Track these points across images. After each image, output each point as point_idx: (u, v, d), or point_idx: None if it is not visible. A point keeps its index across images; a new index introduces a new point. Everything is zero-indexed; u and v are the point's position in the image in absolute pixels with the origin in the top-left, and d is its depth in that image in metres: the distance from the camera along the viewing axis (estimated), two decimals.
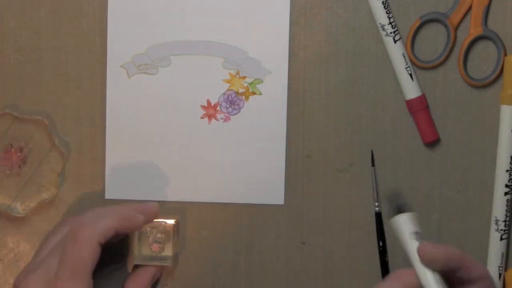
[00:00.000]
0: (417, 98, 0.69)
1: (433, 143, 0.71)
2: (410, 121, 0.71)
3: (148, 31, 0.70)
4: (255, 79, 0.71)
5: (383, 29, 0.69)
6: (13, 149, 0.71)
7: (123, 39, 0.71)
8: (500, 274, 0.70)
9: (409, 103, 0.70)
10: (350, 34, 0.70)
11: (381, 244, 0.71)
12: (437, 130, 0.70)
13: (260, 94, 0.71)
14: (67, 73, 0.71)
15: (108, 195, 0.72)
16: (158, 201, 0.71)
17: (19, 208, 0.72)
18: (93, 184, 0.72)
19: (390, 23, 0.69)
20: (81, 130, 0.72)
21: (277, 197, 0.71)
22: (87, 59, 0.71)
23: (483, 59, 0.70)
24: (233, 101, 0.71)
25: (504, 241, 0.70)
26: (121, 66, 0.71)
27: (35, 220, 0.72)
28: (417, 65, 0.70)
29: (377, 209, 0.71)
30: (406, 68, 0.69)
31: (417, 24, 0.69)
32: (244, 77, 0.71)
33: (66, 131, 0.72)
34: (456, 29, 0.70)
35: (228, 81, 0.71)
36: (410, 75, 0.69)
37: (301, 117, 0.71)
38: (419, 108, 0.69)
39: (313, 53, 0.71)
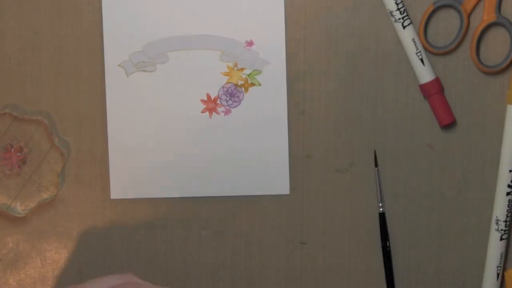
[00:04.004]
0: (430, 82, 0.69)
1: (449, 126, 0.70)
2: (410, 121, 0.71)
3: (143, 28, 0.70)
4: (254, 70, 0.71)
5: (392, 15, 0.69)
6: (13, 149, 0.71)
7: (119, 38, 0.71)
8: (498, 274, 0.70)
9: (422, 87, 0.70)
10: (350, 34, 0.70)
11: (388, 244, 0.71)
12: (453, 113, 0.70)
13: (260, 85, 0.71)
14: (67, 73, 0.71)
15: (113, 195, 0.72)
16: (163, 199, 0.72)
17: (19, 208, 0.72)
18: (93, 184, 0.72)
19: (398, 9, 0.69)
20: (81, 130, 0.72)
21: (282, 188, 0.71)
22: (86, 59, 0.71)
23: (496, 46, 0.70)
24: (233, 94, 0.71)
25: (504, 241, 0.70)
26: (119, 65, 0.71)
27: (35, 220, 0.72)
28: (429, 51, 0.70)
29: (380, 209, 0.71)
30: (416, 53, 0.69)
31: (431, 9, 0.69)
32: (242, 69, 0.71)
33: (66, 131, 0.72)
34: (469, 15, 0.70)
35: (226, 74, 0.71)
36: (421, 60, 0.69)
37: (301, 117, 0.71)
38: (432, 92, 0.69)
39: (313, 53, 0.71)
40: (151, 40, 0.71)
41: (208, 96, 0.71)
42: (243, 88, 0.71)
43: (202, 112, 0.71)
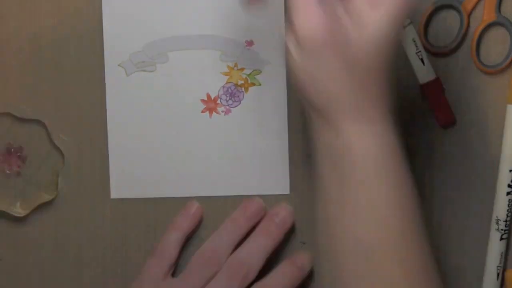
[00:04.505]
0: (430, 82, 0.69)
1: (449, 126, 0.71)
2: (410, 121, 0.71)
3: (143, 28, 0.70)
4: (254, 70, 0.71)
5: None
6: (13, 149, 0.71)
7: (119, 37, 0.71)
8: (498, 274, 0.70)
9: (422, 87, 0.70)
10: None
11: None
12: (453, 113, 0.70)
13: (260, 84, 0.71)
14: (67, 73, 0.71)
15: (113, 195, 0.72)
16: (163, 198, 0.72)
17: (19, 208, 0.72)
18: (93, 184, 0.72)
19: None
20: (81, 130, 0.72)
21: (282, 188, 0.71)
22: (86, 59, 0.71)
23: (496, 46, 0.70)
24: (233, 93, 0.71)
25: (504, 241, 0.70)
26: (119, 65, 0.71)
27: (35, 220, 0.72)
28: (429, 51, 0.70)
29: None
30: (416, 53, 0.69)
31: (431, 9, 0.69)
32: (242, 69, 0.71)
33: (66, 131, 0.72)
34: (469, 15, 0.70)
35: (226, 74, 0.71)
36: (421, 60, 0.69)
37: (301, 116, 0.71)
38: (432, 92, 0.69)
39: None
40: (151, 40, 0.71)
41: (208, 96, 0.71)
42: (243, 88, 0.71)
43: (202, 112, 0.71)
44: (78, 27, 0.71)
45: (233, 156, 0.71)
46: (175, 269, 0.71)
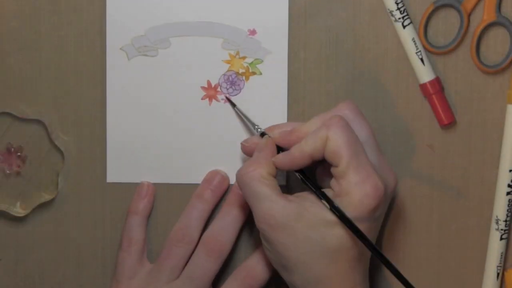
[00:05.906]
0: (430, 82, 0.69)
1: (449, 125, 0.70)
2: (410, 121, 0.71)
3: (147, 12, 0.71)
4: (255, 59, 0.71)
5: (392, 15, 0.69)
6: (13, 149, 0.71)
7: (122, 21, 0.71)
8: (498, 274, 0.70)
9: (422, 87, 0.70)
10: (350, 34, 0.70)
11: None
12: (453, 113, 0.70)
13: (261, 74, 0.71)
14: (67, 71, 0.71)
15: (109, 179, 0.72)
16: (162, 184, 0.72)
17: (19, 208, 0.72)
18: (94, 184, 0.72)
19: (398, 8, 0.69)
20: (81, 130, 0.72)
21: (280, 177, 0.71)
22: (87, 56, 0.71)
23: (496, 46, 0.70)
24: (234, 82, 0.71)
25: (504, 241, 0.70)
26: (120, 49, 0.71)
27: (35, 220, 0.72)
28: (429, 51, 0.70)
29: None
30: (416, 53, 0.69)
31: (431, 9, 0.69)
32: (244, 57, 0.71)
33: (66, 131, 0.72)
34: (469, 15, 0.70)
35: (228, 62, 0.71)
36: (421, 59, 0.69)
37: (301, 117, 0.71)
38: (432, 91, 0.69)
39: (313, 53, 0.71)
40: (154, 25, 0.71)
41: (209, 83, 0.71)
42: (244, 77, 0.71)
43: (202, 99, 0.71)
44: (79, 25, 0.71)
45: (231, 144, 0.71)
46: (149, 253, 0.71)
